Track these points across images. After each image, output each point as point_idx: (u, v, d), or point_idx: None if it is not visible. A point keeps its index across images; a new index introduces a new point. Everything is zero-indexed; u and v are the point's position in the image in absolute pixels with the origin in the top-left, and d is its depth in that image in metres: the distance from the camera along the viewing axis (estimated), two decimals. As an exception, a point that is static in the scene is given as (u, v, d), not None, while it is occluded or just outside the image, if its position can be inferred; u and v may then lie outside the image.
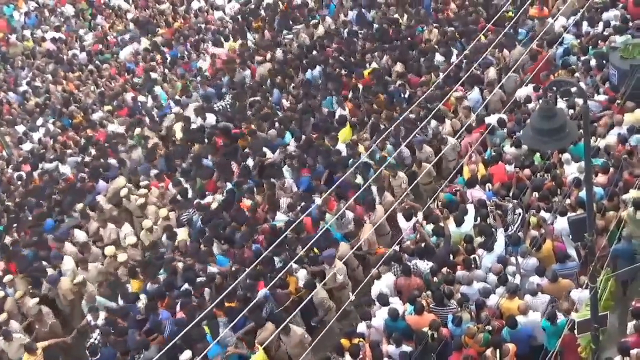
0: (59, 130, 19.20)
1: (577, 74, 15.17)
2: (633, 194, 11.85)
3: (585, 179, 9.06)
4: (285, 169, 15.11)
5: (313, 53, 19.01)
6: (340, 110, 16.38)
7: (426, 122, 14.35)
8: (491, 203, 12.68)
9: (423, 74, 16.64)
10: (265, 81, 18.53)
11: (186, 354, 11.49)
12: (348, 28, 19.80)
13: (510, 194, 12.89)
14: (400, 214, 13.24)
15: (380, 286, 12.06)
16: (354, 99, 16.51)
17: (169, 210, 15.04)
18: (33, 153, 18.59)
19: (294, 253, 12.65)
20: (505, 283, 11.22)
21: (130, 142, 17.53)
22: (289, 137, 16.17)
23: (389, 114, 15.35)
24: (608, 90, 14.57)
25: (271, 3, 22.63)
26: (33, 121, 20.34)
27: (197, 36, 21.96)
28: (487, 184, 13.30)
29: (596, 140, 13.17)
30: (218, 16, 23.35)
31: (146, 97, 19.46)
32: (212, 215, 14.35)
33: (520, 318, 10.76)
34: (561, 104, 14.02)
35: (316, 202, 13.60)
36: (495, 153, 13.84)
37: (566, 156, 13.17)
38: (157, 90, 19.57)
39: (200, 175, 15.63)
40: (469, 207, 12.77)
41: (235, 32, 21.29)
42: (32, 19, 26.22)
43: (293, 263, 12.12)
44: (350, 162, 14.39)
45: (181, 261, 13.54)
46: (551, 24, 16.44)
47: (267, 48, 19.92)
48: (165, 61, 21.12)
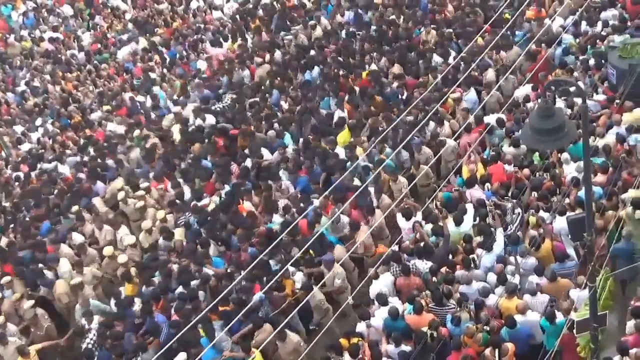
0: (58, 130, 19.17)
1: (576, 74, 15.18)
2: (632, 194, 11.85)
3: (584, 179, 9.06)
4: (281, 172, 15.04)
5: (311, 54, 18.97)
6: (339, 112, 16.34)
7: (424, 124, 14.33)
8: (490, 203, 12.68)
9: (421, 76, 16.60)
10: (264, 82, 18.50)
11: (181, 356, 11.42)
12: (345, 29, 19.76)
13: (509, 194, 12.90)
14: (399, 214, 13.24)
15: (378, 286, 12.05)
16: (352, 101, 16.47)
17: (167, 212, 14.97)
18: (31, 153, 18.56)
19: (290, 255, 12.60)
20: (504, 283, 11.23)
21: (128, 143, 17.50)
22: (288, 138, 16.14)
23: (387, 116, 15.29)
24: (607, 89, 14.58)
25: (268, 3, 22.60)
26: (32, 121, 20.30)
27: (196, 36, 21.94)
28: (486, 184, 13.30)
29: (595, 139, 13.18)
30: (217, 16, 23.34)
31: (145, 97, 19.45)
32: (209, 216, 14.28)
33: (518, 317, 10.76)
34: (560, 104, 14.03)
35: (314, 204, 13.54)
36: (494, 153, 13.85)
37: (565, 156, 13.17)
38: (156, 90, 19.55)
39: (199, 176, 15.60)
40: (468, 207, 12.77)
41: (233, 32, 21.28)
42: (30, 19, 26.16)
43: (289, 266, 12.06)
44: (348, 165, 14.34)
45: (177, 262, 13.49)
46: (549, 25, 16.43)
47: (265, 49, 19.90)
48: (164, 61, 21.09)
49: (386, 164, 13.68)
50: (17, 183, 17.48)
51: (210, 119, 17.45)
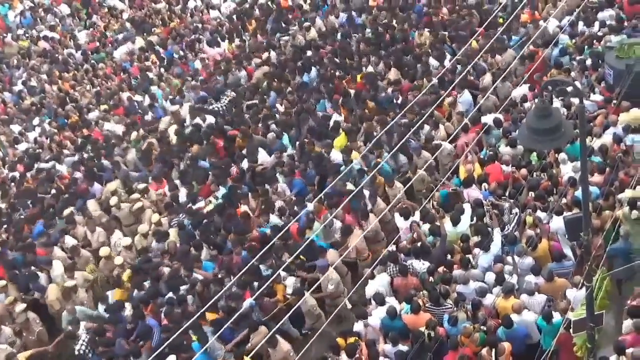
0: (55, 130, 19.13)
1: (573, 74, 15.19)
2: (628, 194, 11.88)
3: (581, 179, 9.07)
4: (278, 174, 14.96)
5: (308, 54, 18.90)
6: (335, 115, 16.21)
7: (418, 128, 14.24)
8: (487, 202, 12.69)
9: (416, 80, 16.49)
10: (261, 84, 18.43)
11: (170, 359, 11.34)
12: (341, 31, 19.68)
13: (506, 194, 12.91)
14: (397, 213, 13.23)
15: (375, 286, 12.03)
16: (347, 104, 16.36)
17: (163, 215, 14.84)
18: (28, 153, 18.50)
19: (281, 261, 12.52)
20: (502, 283, 11.23)
21: (124, 145, 17.44)
22: (287, 139, 16.07)
23: (382, 120, 15.14)
24: (604, 90, 14.60)
25: (264, 3, 22.53)
26: (29, 121, 20.26)
27: (193, 36, 21.90)
28: (483, 184, 13.30)
29: (592, 139, 13.20)
30: (214, 15, 23.31)
31: (142, 97, 19.41)
32: (204, 219, 14.18)
33: (514, 317, 10.76)
34: (557, 104, 14.04)
35: (308, 208, 13.43)
36: (491, 153, 13.84)
37: (562, 156, 13.19)
38: (154, 89, 19.51)
39: (196, 178, 15.50)
40: (466, 207, 12.77)
41: (231, 33, 21.23)
42: (27, 19, 26.13)
43: (281, 271, 11.91)
44: (342, 169, 14.13)
45: (168, 265, 13.42)
46: (544, 27, 16.41)
47: (262, 50, 19.81)
48: (162, 61, 21.05)
49: (383, 169, 13.65)
50: (13, 183, 17.42)
51: (208, 119, 17.39)
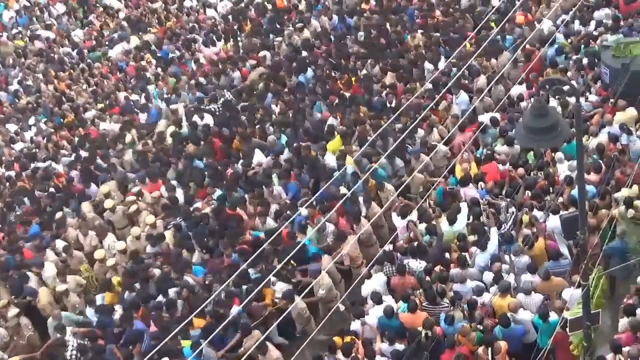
0: (52, 129, 19.05)
1: (570, 73, 15.19)
2: (625, 193, 11.89)
3: (577, 177, 9.07)
4: (274, 177, 14.87)
5: (303, 55, 18.83)
6: (331, 119, 16.08)
7: (413, 132, 14.23)
8: (484, 201, 12.69)
9: (410, 83, 16.36)
10: (256, 85, 18.33)
11: None
12: (333, 34, 19.58)
13: (503, 193, 12.91)
14: (395, 213, 13.21)
15: (371, 286, 12.02)
16: (341, 107, 16.25)
17: (159, 217, 14.73)
18: (25, 153, 18.41)
19: (271, 265, 12.45)
20: (498, 281, 11.24)
21: (120, 146, 17.36)
22: (284, 140, 15.99)
23: (376, 124, 14.99)
24: (600, 89, 14.61)
25: (260, 2, 22.46)
26: (25, 120, 20.20)
27: (189, 35, 21.86)
28: (480, 183, 13.30)
29: (588, 138, 13.21)
30: (211, 15, 23.25)
31: (139, 96, 19.38)
32: (200, 221, 14.11)
33: (510, 316, 10.76)
34: (553, 103, 14.05)
35: (301, 213, 13.32)
36: (488, 152, 13.83)
37: (559, 155, 13.20)
38: (151, 88, 19.47)
39: (194, 179, 15.39)
40: (462, 206, 12.77)
41: (226, 33, 21.19)
42: (23, 18, 26.07)
43: (270, 276, 11.80)
44: (335, 173, 14.00)
45: (159, 267, 13.35)
46: (538, 29, 16.38)
47: (256, 51, 19.73)
48: (159, 60, 20.99)
49: (376, 173, 13.61)
50: (8, 182, 17.35)
51: (205, 119, 17.34)
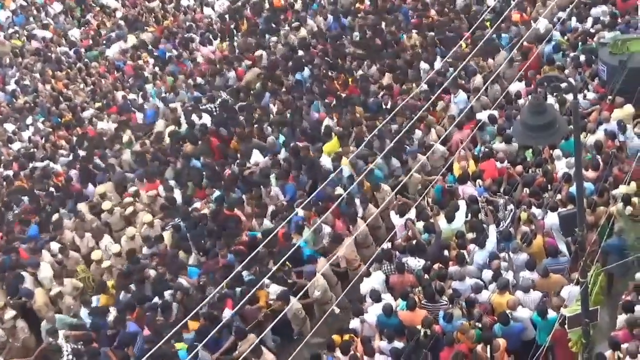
0: (50, 129, 19.02)
1: (567, 71, 15.19)
2: (622, 190, 11.90)
3: (575, 175, 9.08)
4: (272, 177, 14.82)
5: (299, 54, 18.79)
6: (327, 120, 16.03)
7: (408, 132, 14.21)
8: (482, 199, 12.69)
9: (406, 83, 16.31)
10: (253, 85, 18.27)
11: None
12: (328, 34, 19.54)
13: (501, 190, 12.91)
14: (392, 212, 13.20)
15: (370, 284, 12.01)
16: (337, 108, 16.21)
17: (158, 216, 14.68)
18: (23, 152, 18.36)
19: (266, 268, 12.38)
20: (497, 279, 11.24)
21: (117, 146, 17.32)
22: (281, 140, 15.96)
23: (372, 125, 14.90)
24: (597, 86, 14.61)
25: (257, 1, 22.43)
26: (22, 120, 20.18)
27: (187, 34, 21.83)
28: (478, 180, 13.30)
29: (586, 136, 13.22)
30: (208, 13, 23.22)
31: (137, 95, 19.34)
32: (199, 221, 14.05)
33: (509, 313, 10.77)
34: (550, 100, 14.05)
35: (298, 213, 13.26)
36: (486, 149, 13.83)
37: (557, 152, 13.20)
38: (149, 87, 19.44)
39: (192, 178, 15.35)
40: (460, 204, 12.77)
41: (222, 32, 21.13)
42: (20, 17, 26.04)
43: (264, 278, 11.73)
44: (332, 174, 13.83)
45: (154, 268, 13.30)
46: (533, 28, 16.36)
47: (251, 50, 19.69)
48: (157, 59, 20.96)
49: (372, 174, 13.59)
50: (5, 182, 17.31)
51: (204, 118, 17.31)
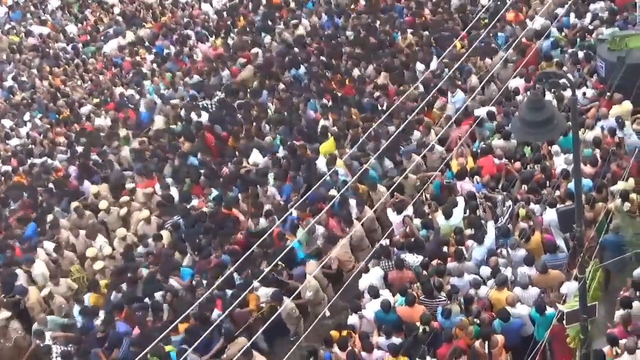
0: (48, 125, 18.96)
1: (565, 67, 15.17)
2: (621, 186, 11.90)
3: (574, 170, 9.08)
4: (270, 176, 14.78)
5: (295, 52, 18.75)
6: (323, 120, 15.97)
7: (407, 133, 14.22)
8: (480, 195, 12.69)
9: (403, 85, 16.23)
10: (250, 82, 18.21)
11: None
12: (321, 32, 19.51)
13: (499, 186, 12.91)
14: (390, 209, 13.19)
15: (368, 279, 12.01)
16: (334, 109, 16.16)
17: (155, 213, 14.63)
18: (21, 149, 18.30)
19: (258, 269, 12.35)
20: (496, 275, 11.24)
21: (116, 143, 17.29)
22: (278, 140, 15.89)
23: (369, 126, 14.81)
24: (596, 83, 14.61)
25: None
26: (20, 116, 20.14)
27: (184, 31, 21.77)
28: (476, 177, 13.29)
29: (584, 132, 13.21)
30: (206, 9, 23.17)
31: (135, 91, 19.29)
32: (198, 220, 14.00)
33: (508, 310, 10.76)
34: (549, 96, 14.04)
35: (292, 215, 13.25)
36: (484, 146, 13.82)
37: (555, 148, 13.20)
38: (146, 84, 19.40)
39: (189, 175, 15.30)
40: (459, 200, 12.77)
41: (218, 29, 21.08)
42: (17, 13, 25.98)
43: (255, 282, 11.80)
44: (327, 175, 13.76)
45: (147, 267, 13.25)
46: (529, 28, 16.34)
47: (246, 48, 19.65)
48: (157, 56, 20.89)
49: (367, 175, 13.57)
50: (3, 178, 17.27)
51: (203, 116, 17.28)
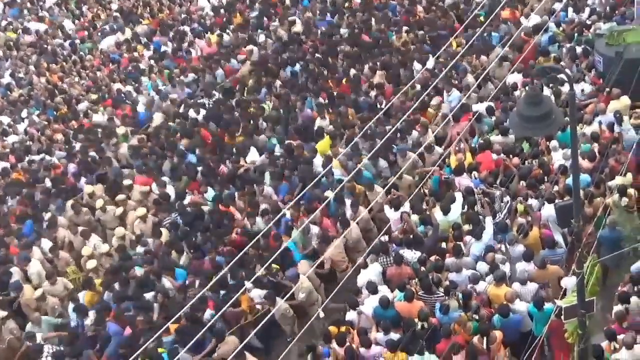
0: (45, 122, 18.91)
1: (563, 62, 15.16)
2: (619, 181, 11.90)
3: (572, 165, 9.07)
4: (267, 175, 14.71)
5: (291, 49, 18.69)
6: (319, 120, 15.90)
7: (406, 134, 14.18)
8: (478, 191, 12.68)
9: (400, 84, 16.11)
10: (246, 81, 18.19)
11: None
12: (317, 29, 19.47)
13: (497, 182, 12.90)
14: (387, 205, 13.17)
15: (367, 275, 12.01)
16: (330, 108, 16.12)
17: (152, 213, 14.57)
18: (18, 145, 18.26)
19: (252, 271, 12.30)
20: (494, 271, 11.24)
21: (114, 140, 17.27)
22: (275, 139, 15.85)
23: (365, 126, 14.53)
24: (594, 78, 14.59)
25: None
26: (17, 113, 20.09)
27: (182, 27, 21.72)
28: (474, 172, 13.28)
29: (582, 127, 13.20)
30: (203, 5, 23.11)
31: (133, 87, 19.27)
32: (195, 217, 13.94)
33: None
34: (547, 91, 14.02)
35: (286, 214, 13.24)
36: (482, 141, 13.80)
37: (554, 143, 13.19)
38: (144, 80, 19.38)
39: (187, 172, 15.28)
40: (457, 195, 12.76)
41: (213, 25, 21.05)
42: (14, 9, 25.93)
43: (247, 282, 11.77)
44: (322, 175, 13.68)
45: (141, 266, 13.22)
46: (524, 26, 16.30)
47: (242, 46, 19.58)
48: (155, 52, 20.86)
49: (362, 175, 13.53)
50: (1, 175, 17.21)
51: (202, 113, 17.25)
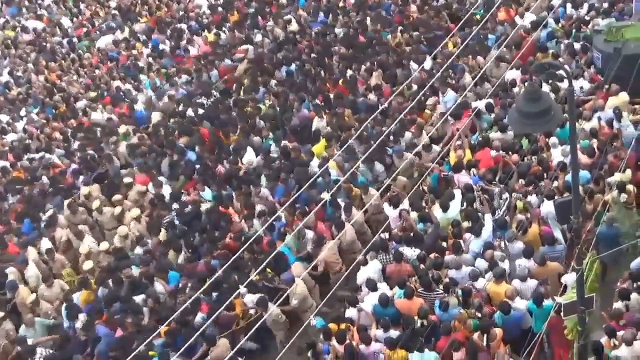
0: (44, 120, 18.87)
1: (562, 58, 15.14)
2: (618, 177, 11.89)
3: (571, 162, 9.06)
4: (263, 176, 14.71)
5: (286, 50, 18.68)
6: (317, 120, 15.84)
7: (399, 135, 14.18)
8: (477, 187, 12.67)
9: (397, 85, 16.04)
10: (243, 80, 18.15)
11: None
12: (310, 29, 19.45)
13: (496, 179, 12.89)
14: (386, 203, 13.16)
15: (366, 273, 12.01)
16: (328, 108, 16.08)
17: (146, 213, 14.55)
18: (17, 144, 18.21)
19: (247, 275, 12.27)
20: (493, 268, 11.23)
21: (114, 138, 17.24)
22: (272, 139, 15.83)
23: (362, 128, 14.53)
24: (593, 74, 14.58)
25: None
26: (16, 111, 20.05)
27: (179, 25, 21.69)
28: (473, 169, 13.27)
29: (581, 123, 13.19)
30: (200, 3, 23.08)
31: (132, 85, 19.25)
32: (193, 217, 13.91)
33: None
34: (545, 88, 14.01)
35: (281, 218, 13.20)
36: (481, 138, 13.79)
37: (553, 140, 13.18)
38: (143, 78, 19.35)
39: (184, 171, 15.26)
40: (456, 192, 12.75)
41: (211, 24, 21.04)
42: (13, 8, 25.89)
43: (241, 287, 11.78)
44: (319, 180, 13.62)
45: (137, 266, 13.17)
46: (520, 26, 16.26)
47: (238, 45, 19.58)
48: (154, 50, 20.84)
49: (357, 179, 13.51)
50: (1, 173, 17.21)
51: (199, 112, 17.24)
